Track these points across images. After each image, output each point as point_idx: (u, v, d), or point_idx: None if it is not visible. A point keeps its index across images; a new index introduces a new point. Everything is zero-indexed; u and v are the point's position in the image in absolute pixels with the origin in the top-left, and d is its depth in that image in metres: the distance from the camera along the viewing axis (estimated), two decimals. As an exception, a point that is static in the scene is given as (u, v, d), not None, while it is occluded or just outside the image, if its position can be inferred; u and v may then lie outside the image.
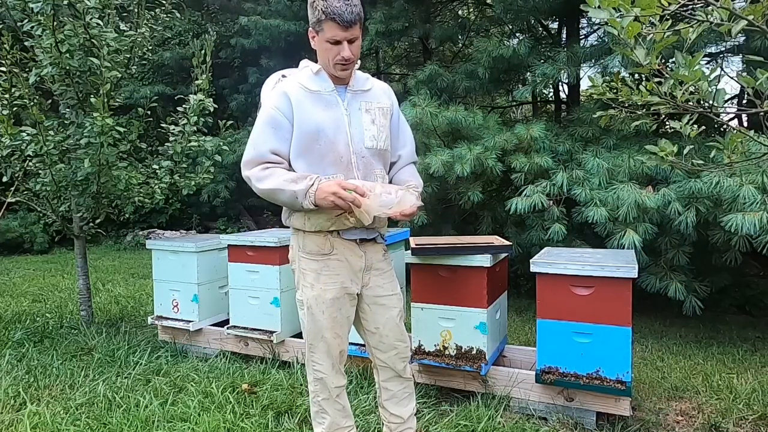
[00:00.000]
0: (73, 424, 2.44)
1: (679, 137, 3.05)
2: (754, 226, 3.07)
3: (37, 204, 4.01)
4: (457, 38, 7.14)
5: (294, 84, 1.86)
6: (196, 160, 4.06)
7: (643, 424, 2.43)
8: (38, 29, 3.38)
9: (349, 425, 2.03)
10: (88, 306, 4.07)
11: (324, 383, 1.94)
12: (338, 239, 1.89)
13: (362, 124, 1.88)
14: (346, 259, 1.90)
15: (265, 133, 1.82)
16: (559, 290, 2.37)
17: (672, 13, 1.45)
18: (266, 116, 1.84)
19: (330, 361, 1.92)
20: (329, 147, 1.83)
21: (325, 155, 1.83)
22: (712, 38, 4.11)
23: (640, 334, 4.07)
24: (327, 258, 1.88)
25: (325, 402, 1.96)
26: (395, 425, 2.07)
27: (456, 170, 4.14)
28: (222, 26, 10.04)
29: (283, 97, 1.83)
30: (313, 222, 1.86)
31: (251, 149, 1.83)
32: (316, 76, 1.88)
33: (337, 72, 1.85)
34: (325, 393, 1.95)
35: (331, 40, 1.77)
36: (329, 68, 1.85)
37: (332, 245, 1.88)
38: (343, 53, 1.78)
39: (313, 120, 1.81)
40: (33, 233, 9.02)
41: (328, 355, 1.91)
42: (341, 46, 1.78)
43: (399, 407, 2.06)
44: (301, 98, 1.83)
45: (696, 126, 1.70)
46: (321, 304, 1.87)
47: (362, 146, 1.87)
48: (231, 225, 10.21)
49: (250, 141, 1.85)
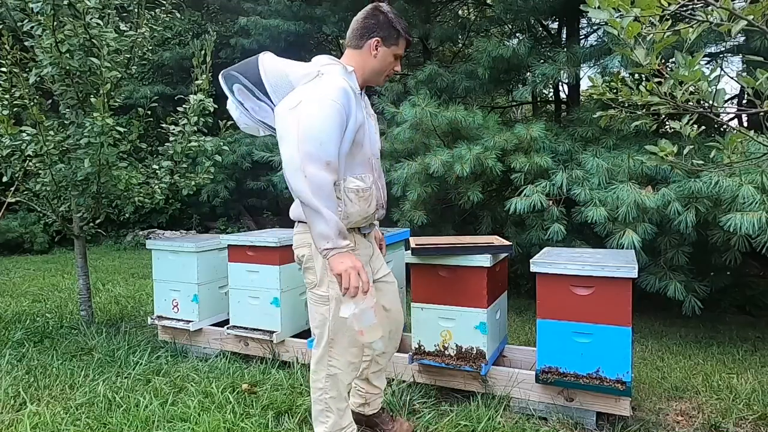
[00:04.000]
0: (73, 424, 2.44)
1: (679, 137, 3.05)
2: (753, 225, 3.07)
3: (37, 204, 4.01)
4: (457, 38, 7.14)
5: (344, 81, 1.84)
6: (196, 160, 4.06)
7: (643, 424, 2.44)
8: (38, 29, 3.38)
9: (349, 423, 2.07)
10: (88, 306, 4.07)
11: (336, 380, 1.97)
12: (359, 236, 2.01)
13: (374, 128, 2.02)
14: (363, 253, 2.02)
15: (333, 128, 1.73)
16: (559, 290, 2.37)
17: (672, 13, 1.46)
18: (330, 109, 1.73)
19: (348, 358, 1.96)
20: (359, 147, 1.90)
21: (356, 155, 1.90)
22: (712, 38, 4.12)
23: (640, 334, 4.07)
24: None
25: (332, 401, 1.99)
26: (372, 396, 2.26)
27: (456, 170, 4.14)
28: (222, 26, 10.04)
29: (344, 94, 1.78)
30: (353, 220, 1.92)
31: (317, 143, 1.68)
32: (351, 76, 1.89)
33: (382, 82, 2.01)
34: (335, 391, 1.98)
35: (398, 55, 1.95)
36: (377, 77, 1.96)
37: (355, 241, 1.95)
38: (397, 68, 1.98)
39: (358, 120, 1.86)
40: (33, 233, 9.01)
41: (348, 351, 1.95)
42: (398, 62, 1.98)
43: (380, 380, 2.28)
44: (352, 96, 1.83)
45: (696, 126, 1.70)
46: None
47: (377, 148, 2.03)
48: (231, 225, 10.21)
49: (313, 132, 1.69)
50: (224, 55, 9.47)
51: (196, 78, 3.92)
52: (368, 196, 1.93)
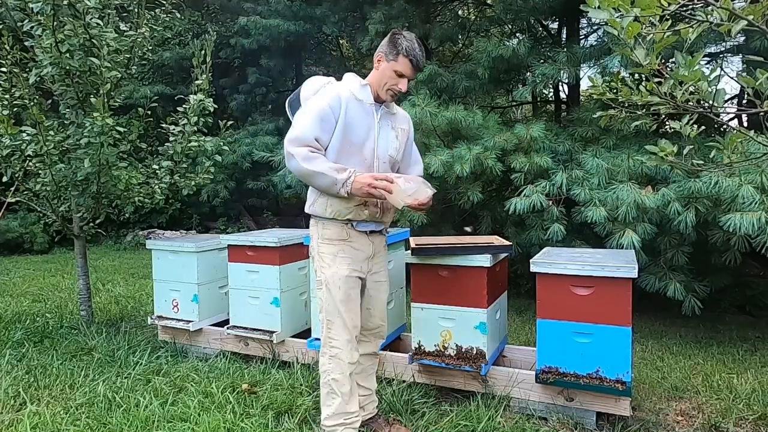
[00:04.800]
0: (73, 424, 2.44)
1: (679, 137, 3.05)
2: (753, 225, 3.07)
3: (37, 204, 4.01)
4: (456, 38, 7.14)
5: (346, 90, 2.16)
6: (196, 160, 4.06)
7: (643, 424, 2.44)
8: (38, 29, 3.38)
9: (355, 411, 2.16)
10: (88, 306, 4.07)
11: (339, 360, 2.13)
12: (353, 230, 2.18)
13: (389, 136, 2.23)
14: (359, 247, 2.20)
15: (314, 121, 2.07)
16: (559, 290, 2.37)
17: (672, 13, 1.46)
18: (318, 108, 2.09)
19: (346, 336, 2.13)
20: (358, 149, 2.14)
21: (353, 155, 2.13)
22: (712, 38, 4.12)
23: (640, 334, 4.07)
24: (344, 243, 2.18)
25: (335, 383, 2.13)
26: (364, 398, 2.32)
27: (456, 170, 4.14)
28: (222, 26, 10.04)
29: (336, 97, 2.11)
30: (334, 208, 2.14)
31: (298, 130, 2.07)
32: (363, 88, 2.18)
33: (387, 97, 2.17)
34: (338, 371, 2.13)
35: (399, 72, 2.11)
36: (380, 90, 2.16)
37: (348, 234, 2.18)
38: (401, 86, 2.13)
39: (352, 123, 2.12)
40: (33, 233, 9.02)
41: (344, 329, 2.13)
42: (403, 80, 2.13)
43: (368, 381, 2.36)
44: (349, 102, 2.12)
45: (696, 126, 1.70)
46: (337, 280, 2.13)
47: (386, 154, 2.21)
48: (231, 225, 10.21)
49: (298, 123, 2.09)
50: (224, 55, 9.48)
51: (196, 78, 3.92)
52: None
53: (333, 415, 2.13)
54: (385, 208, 2.22)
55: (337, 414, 2.13)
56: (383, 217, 2.24)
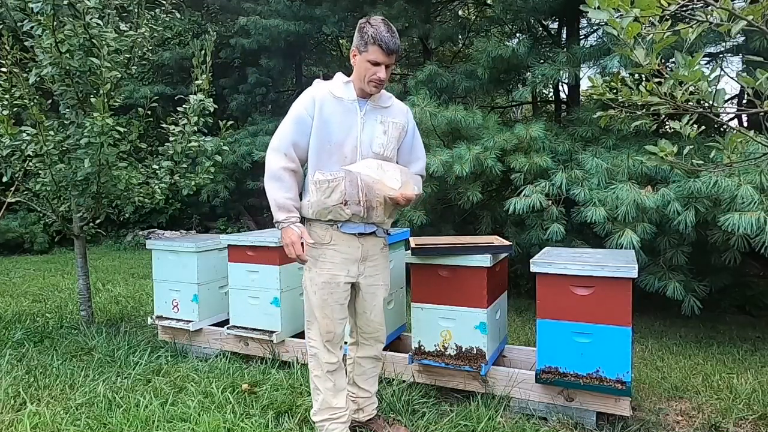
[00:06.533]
0: (73, 424, 2.44)
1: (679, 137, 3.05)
2: (752, 225, 3.07)
3: (37, 204, 4.01)
4: (456, 38, 7.15)
5: (323, 89, 2.14)
6: (196, 160, 4.06)
7: (643, 424, 2.44)
8: (38, 29, 3.38)
9: (340, 406, 2.18)
10: (88, 306, 4.07)
11: (317, 359, 2.18)
12: (337, 232, 2.15)
13: (374, 132, 2.14)
14: (343, 251, 2.15)
15: (290, 126, 2.12)
16: (559, 290, 2.37)
17: (672, 13, 1.46)
18: (294, 113, 2.14)
19: (320, 339, 2.17)
20: (337, 147, 2.09)
21: (332, 154, 2.09)
22: (711, 38, 4.12)
23: (640, 334, 4.07)
24: (325, 247, 2.15)
25: (317, 379, 2.19)
26: (363, 399, 2.34)
27: (455, 170, 4.14)
28: (222, 26, 10.04)
29: (310, 99, 2.12)
30: (314, 209, 2.13)
31: (277, 139, 2.14)
32: (345, 85, 2.15)
33: (370, 89, 2.10)
34: (318, 370, 2.19)
35: (372, 61, 2.04)
36: (362, 84, 2.10)
37: (331, 237, 2.15)
38: (379, 74, 2.05)
39: (329, 121, 2.10)
40: (33, 233, 9.02)
41: (318, 333, 2.17)
42: (379, 68, 2.05)
43: (368, 383, 2.35)
44: (324, 101, 2.11)
45: (696, 126, 1.70)
46: (314, 285, 2.15)
47: (370, 151, 2.13)
48: (231, 225, 10.21)
49: (278, 131, 2.15)
50: (224, 55, 9.47)
51: (196, 78, 3.92)
52: (326, 188, 2.09)
53: (319, 410, 2.20)
54: (370, 206, 2.11)
55: (323, 409, 2.19)
56: (371, 217, 2.13)
